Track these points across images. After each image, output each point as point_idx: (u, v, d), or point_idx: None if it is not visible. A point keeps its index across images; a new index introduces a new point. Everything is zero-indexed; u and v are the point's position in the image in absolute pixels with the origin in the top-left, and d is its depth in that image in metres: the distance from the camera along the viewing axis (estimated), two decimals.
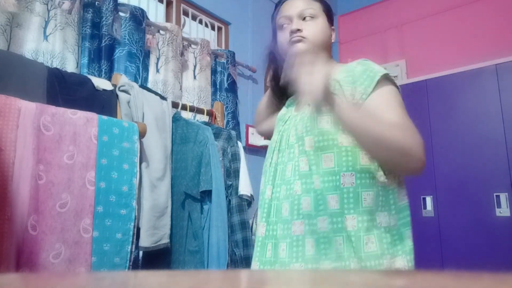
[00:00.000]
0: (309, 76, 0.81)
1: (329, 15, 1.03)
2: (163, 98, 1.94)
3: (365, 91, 0.88)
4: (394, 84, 0.92)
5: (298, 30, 0.97)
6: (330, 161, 0.89)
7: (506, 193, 2.52)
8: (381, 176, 0.89)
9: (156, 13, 2.47)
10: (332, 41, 1.03)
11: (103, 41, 1.89)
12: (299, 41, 0.97)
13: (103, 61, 1.88)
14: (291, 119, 1.01)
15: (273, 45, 1.05)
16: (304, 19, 0.99)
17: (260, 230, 1.00)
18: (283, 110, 1.11)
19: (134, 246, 1.49)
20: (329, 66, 0.90)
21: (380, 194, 0.89)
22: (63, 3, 1.77)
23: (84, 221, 1.35)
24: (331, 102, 0.81)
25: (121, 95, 1.74)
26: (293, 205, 0.93)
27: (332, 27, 1.04)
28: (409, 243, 0.91)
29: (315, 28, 0.98)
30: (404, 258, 0.88)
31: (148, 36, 2.17)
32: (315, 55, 0.95)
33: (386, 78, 0.90)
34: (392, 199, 0.90)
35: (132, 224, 1.48)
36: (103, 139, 1.45)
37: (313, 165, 0.90)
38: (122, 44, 2.00)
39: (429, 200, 2.81)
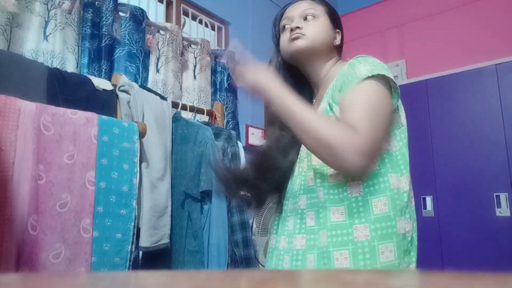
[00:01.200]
0: (250, 72, 0.89)
1: (333, 18, 1.02)
2: (163, 98, 1.94)
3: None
4: (381, 79, 0.85)
5: (298, 27, 0.96)
6: (337, 175, 0.87)
7: (506, 193, 2.52)
8: (392, 179, 0.86)
9: (156, 13, 2.47)
10: (337, 43, 1.02)
11: (103, 41, 1.89)
12: (298, 37, 0.96)
13: (103, 61, 1.88)
14: None
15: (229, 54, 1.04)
16: (305, 19, 0.98)
17: (271, 241, 1.02)
18: None
19: (134, 246, 1.49)
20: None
21: (396, 198, 0.85)
22: (63, 3, 1.77)
23: (84, 221, 1.35)
24: (263, 92, 0.87)
25: (121, 95, 1.74)
26: (296, 219, 0.93)
27: (337, 30, 1.02)
28: (415, 250, 0.90)
29: (315, 27, 0.97)
30: (414, 266, 0.86)
31: (148, 36, 2.17)
32: (314, 54, 0.97)
33: (368, 78, 0.84)
34: (407, 203, 0.87)
35: (132, 224, 1.48)
36: (103, 139, 1.45)
37: (318, 178, 0.90)
38: (122, 44, 2.00)
39: (429, 200, 2.81)
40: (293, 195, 0.95)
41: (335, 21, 1.02)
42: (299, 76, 1.06)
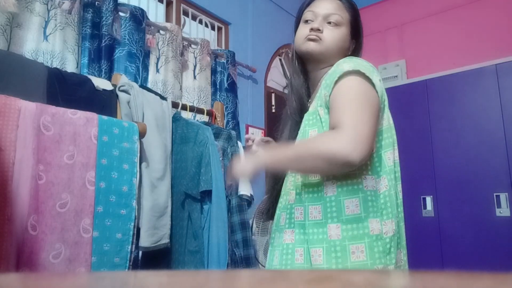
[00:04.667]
0: (241, 163, 0.94)
1: (354, 27, 1.02)
2: (163, 98, 1.94)
3: (328, 92, 0.89)
4: (361, 74, 0.87)
5: (318, 29, 0.97)
6: (314, 174, 0.92)
7: (506, 193, 2.52)
8: (366, 181, 0.88)
9: (156, 13, 2.47)
10: (349, 53, 1.02)
11: (103, 41, 1.89)
12: (314, 40, 0.97)
13: (103, 61, 1.88)
14: (299, 134, 1.02)
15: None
16: (329, 23, 0.98)
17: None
18: None
19: (134, 246, 1.49)
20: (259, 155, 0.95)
21: (368, 200, 0.86)
22: (63, 3, 1.77)
23: (84, 221, 1.35)
24: (259, 168, 0.92)
25: (121, 95, 1.74)
26: (286, 214, 0.96)
27: (355, 40, 1.02)
28: (404, 252, 0.91)
29: (334, 36, 0.98)
30: (400, 268, 0.87)
31: (148, 36, 2.17)
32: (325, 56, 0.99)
33: (349, 73, 0.87)
34: (384, 205, 0.87)
35: (132, 224, 1.48)
36: (103, 139, 1.45)
37: (301, 177, 0.94)
38: (122, 44, 2.00)
39: (429, 200, 2.81)
40: (286, 192, 0.99)
41: (355, 30, 1.02)
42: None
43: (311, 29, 0.97)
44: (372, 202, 0.87)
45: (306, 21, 1.01)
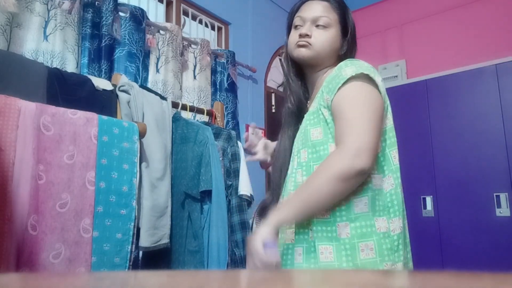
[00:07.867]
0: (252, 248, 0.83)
1: (344, 26, 1.01)
2: (163, 98, 1.94)
3: (330, 97, 0.90)
4: (365, 78, 0.88)
5: (307, 35, 0.97)
6: None
7: (506, 193, 2.52)
8: (374, 180, 0.89)
9: (156, 13, 2.47)
10: (341, 52, 1.01)
11: (103, 41, 1.89)
12: (304, 46, 0.98)
13: (103, 61, 1.88)
14: (298, 134, 1.02)
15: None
16: (317, 26, 0.99)
17: None
18: None
19: (134, 246, 1.49)
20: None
21: (376, 198, 0.88)
22: (63, 3, 1.77)
23: (84, 221, 1.35)
24: (273, 231, 0.84)
25: (121, 95, 1.74)
26: None
27: (346, 38, 1.01)
28: (407, 249, 0.92)
29: (324, 38, 0.98)
30: (406, 265, 0.88)
31: (148, 36, 2.17)
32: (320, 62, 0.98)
33: (353, 78, 0.88)
34: (391, 203, 0.89)
35: (132, 224, 1.48)
36: (103, 139, 1.45)
37: (305, 176, 0.93)
38: (122, 44, 2.00)
39: (429, 200, 2.81)
40: (287, 192, 0.99)
41: (346, 29, 1.02)
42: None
43: (300, 35, 0.98)
44: (379, 201, 0.88)
45: (296, 27, 1.01)
